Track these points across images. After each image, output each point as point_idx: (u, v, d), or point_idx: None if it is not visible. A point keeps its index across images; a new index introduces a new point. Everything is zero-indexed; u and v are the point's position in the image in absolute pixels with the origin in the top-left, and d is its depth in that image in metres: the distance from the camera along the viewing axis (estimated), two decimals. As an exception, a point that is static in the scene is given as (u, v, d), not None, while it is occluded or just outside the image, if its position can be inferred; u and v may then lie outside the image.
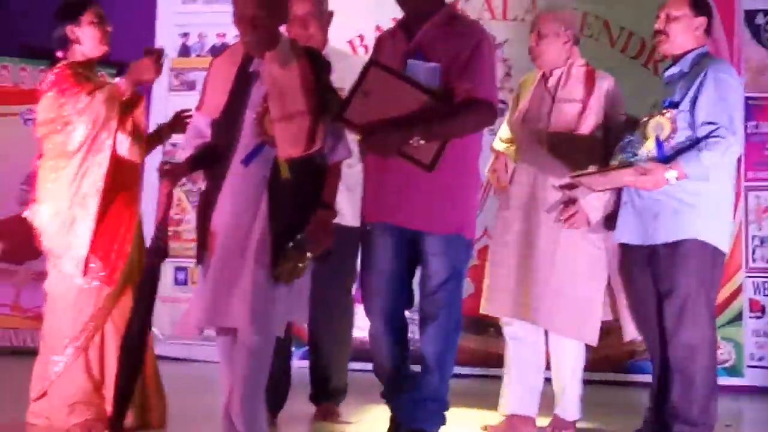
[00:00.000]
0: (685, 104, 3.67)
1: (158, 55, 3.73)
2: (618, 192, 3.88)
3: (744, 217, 5.52)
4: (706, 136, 3.60)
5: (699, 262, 3.68)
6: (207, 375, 4.96)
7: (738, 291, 5.50)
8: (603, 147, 3.88)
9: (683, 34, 3.81)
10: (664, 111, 3.63)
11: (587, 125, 3.98)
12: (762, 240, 5.54)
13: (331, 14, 4.25)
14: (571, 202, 3.95)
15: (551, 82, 4.11)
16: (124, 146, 3.70)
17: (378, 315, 3.52)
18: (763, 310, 5.54)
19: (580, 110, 4.01)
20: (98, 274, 3.64)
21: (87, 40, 3.80)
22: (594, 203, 3.92)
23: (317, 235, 3.22)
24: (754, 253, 5.54)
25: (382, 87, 3.32)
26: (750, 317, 5.54)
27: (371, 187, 3.58)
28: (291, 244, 3.13)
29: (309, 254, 3.16)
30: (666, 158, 3.60)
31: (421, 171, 3.29)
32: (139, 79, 3.71)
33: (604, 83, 4.06)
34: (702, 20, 3.81)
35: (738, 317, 5.51)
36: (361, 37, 5.96)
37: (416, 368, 3.54)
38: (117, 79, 3.86)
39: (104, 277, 3.64)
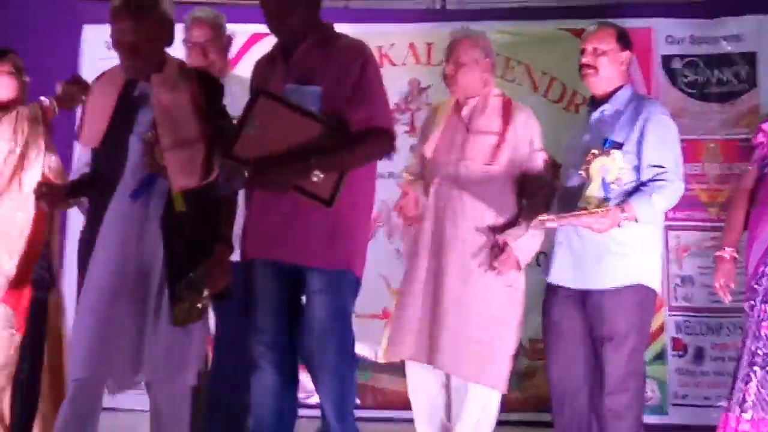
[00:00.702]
0: (631, 146, 3.61)
1: (85, 85, 3.65)
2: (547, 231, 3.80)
3: (665, 257, 5.61)
4: (653, 179, 3.57)
5: (641, 306, 3.68)
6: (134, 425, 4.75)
7: (661, 330, 5.55)
8: (551, 188, 3.84)
9: (611, 69, 3.77)
10: (608, 151, 3.54)
11: (502, 159, 3.84)
12: (683, 279, 5.62)
13: (230, 38, 4.23)
14: (499, 245, 3.79)
15: (466, 111, 3.94)
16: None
17: (262, 358, 3.24)
18: (685, 348, 5.59)
19: (496, 143, 3.85)
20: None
21: (3, 89, 3.77)
22: (525, 246, 3.80)
23: (213, 272, 3.06)
24: (675, 292, 5.61)
25: (272, 118, 3.08)
26: (672, 356, 5.59)
27: (253, 222, 3.29)
28: (185, 282, 2.96)
29: (206, 293, 3.01)
30: (610, 200, 3.53)
31: (320, 206, 3.08)
32: (64, 103, 3.66)
33: (522, 115, 3.94)
34: (627, 55, 3.81)
35: (661, 356, 5.57)
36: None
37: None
38: (42, 98, 3.81)
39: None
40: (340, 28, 5.62)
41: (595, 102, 3.86)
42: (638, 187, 3.60)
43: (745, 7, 5.71)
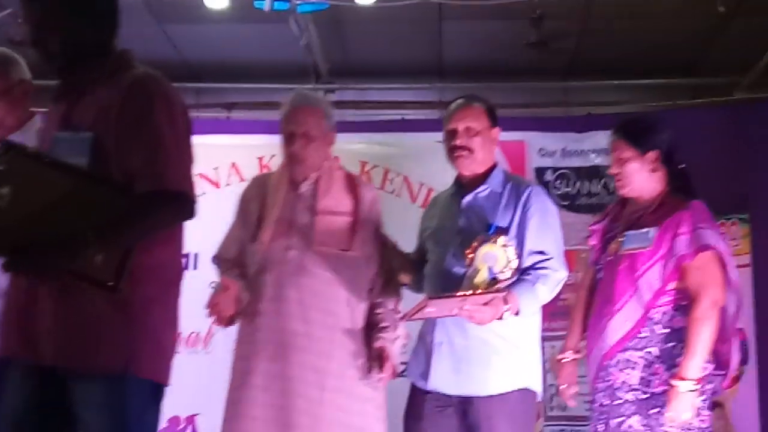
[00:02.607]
0: (513, 231, 3.34)
1: None
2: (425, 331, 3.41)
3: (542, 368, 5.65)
4: (535, 267, 3.30)
5: (527, 412, 3.40)
6: None
7: (538, 441, 5.51)
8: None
9: (485, 149, 3.46)
10: (494, 238, 3.25)
11: (357, 242, 3.34)
12: (558, 389, 5.64)
13: (24, 84, 3.44)
14: (377, 350, 3.30)
15: (305, 188, 3.38)
16: None
17: None
18: (563, 458, 5.59)
19: (349, 224, 3.35)
20: None
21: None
22: (398, 348, 3.38)
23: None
24: (551, 401, 5.62)
25: (28, 180, 2.27)
26: (549, 467, 5.55)
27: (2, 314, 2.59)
28: None
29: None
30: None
31: (105, 294, 2.38)
32: None
33: (368, 192, 3.50)
34: (497, 131, 3.51)
35: (538, 468, 5.51)
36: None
37: None
38: None
39: None
40: (220, 139, 5.73)
41: (463, 184, 3.52)
42: (520, 276, 3.29)
43: (613, 123, 5.91)
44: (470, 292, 3.18)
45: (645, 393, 3.38)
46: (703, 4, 5.62)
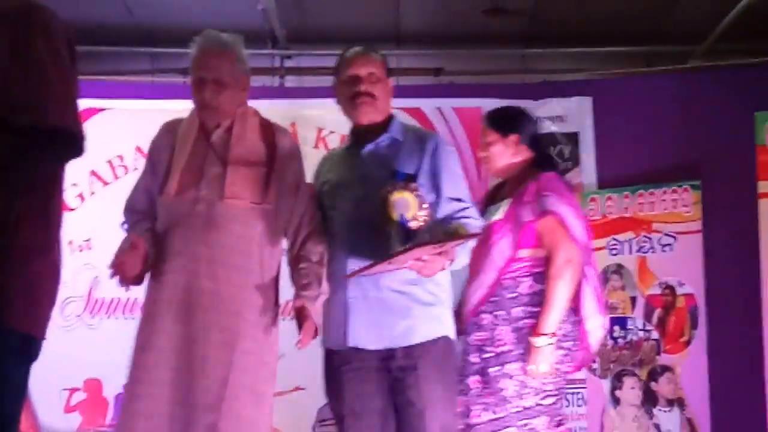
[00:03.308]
0: (423, 177, 3.23)
1: None
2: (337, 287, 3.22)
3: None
4: (454, 216, 3.22)
5: (450, 358, 3.32)
6: None
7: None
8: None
9: (385, 97, 3.38)
10: (404, 184, 3.06)
11: (272, 195, 3.14)
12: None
13: None
14: (300, 311, 3.11)
15: (217, 136, 3.16)
16: None
17: None
18: None
19: (263, 175, 3.15)
20: None
21: None
22: (319, 306, 3.16)
23: None
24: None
25: None
26: None
27: None
28: None
29: None
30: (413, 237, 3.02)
31: None
32: None
33: (285, 140, 3.29)
34: (391, 82, 3.45)
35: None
36: (121, 157, 5.87)
37: None
38: None
39: None
40: (176, 104, 5.68)
41: (359, 134, 3.40)
42: (444, 224, 3.18)
43: (568, 90, 5.98)
44: (446, 238, 3.05)
45: (488, 353, 3.59)
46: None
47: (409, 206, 3.00)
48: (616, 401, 5.54)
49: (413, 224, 3.00)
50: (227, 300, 3.03)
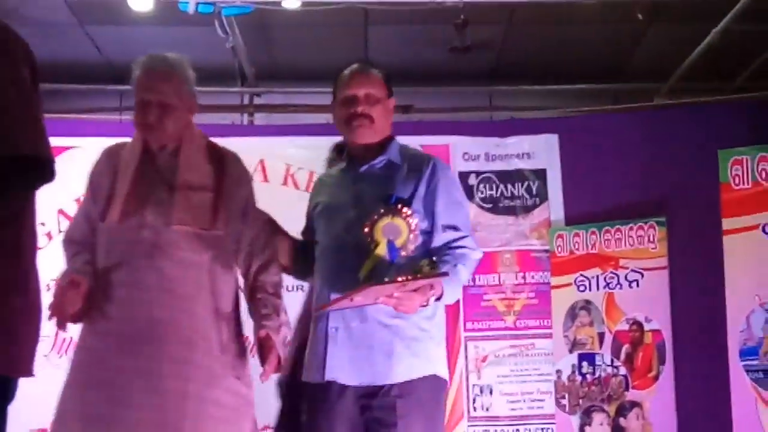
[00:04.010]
0: (417, 203, 3.02)
1: None
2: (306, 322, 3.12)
3: (464, 367, 5.72)
4: (450, 246, 3.02)
5: (436, 399, 3.04)
6: None
7: (461, 441, 5.56)
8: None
9: (384, 118, 3.12)
10: (396, 209, 2.90)
11: (223, 220, 2.98)
12: (481, 389, 5.70)
13: None
14: (264, 341, 2.92)
15: (163, 159, 3.01)
16: None
17: None
18: (486, 459, 5.66)
19: (211, 200, 2.97)
20: None
21: None
22: (282, 337, 2.98)
23: None
24: (474, 402, 5.67)
25: None
26: (474, 467, 5.61)
27: None
28: None
29: None
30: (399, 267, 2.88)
31: None
32: None
33: (234, 165, 3.12)
34: (393, 101, 3.20)
35: (462, 468, 5.55)
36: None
37: None
38: None
39: None
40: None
41: (355, 157, 3.20)
42: (438, 254, 3.00)
43: (536, 127, 6.04)
44: (410, 277, 2.82)
45: None
46: (623, 11, 5.75)
47: (399, 233, 2.88)
48: (585, 437, 5.56)
49: (402, 252, 2.87)
50: (179, 329, 2.83)
